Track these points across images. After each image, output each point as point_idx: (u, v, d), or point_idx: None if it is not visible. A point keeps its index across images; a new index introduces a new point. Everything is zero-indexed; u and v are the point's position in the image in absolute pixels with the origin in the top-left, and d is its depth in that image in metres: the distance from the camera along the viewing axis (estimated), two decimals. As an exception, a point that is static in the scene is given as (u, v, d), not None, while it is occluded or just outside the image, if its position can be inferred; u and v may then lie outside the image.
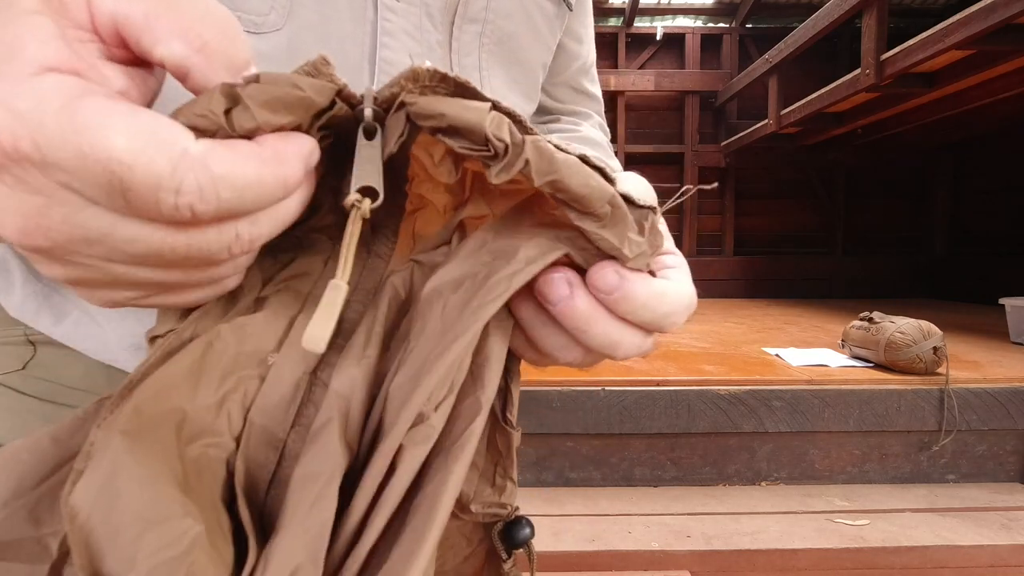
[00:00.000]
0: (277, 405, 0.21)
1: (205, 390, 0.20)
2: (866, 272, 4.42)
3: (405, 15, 0.32)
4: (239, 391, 0.21)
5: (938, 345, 1.60)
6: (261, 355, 0.22)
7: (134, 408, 0.18)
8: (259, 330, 0.22)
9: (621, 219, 0.22)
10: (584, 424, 1.59)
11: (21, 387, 0.34)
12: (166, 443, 0.18)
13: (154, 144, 0.15)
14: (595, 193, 0.21)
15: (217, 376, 0.20)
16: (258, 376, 0.22)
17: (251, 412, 0.21)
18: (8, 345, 0.34)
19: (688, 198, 1.38)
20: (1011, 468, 1.62)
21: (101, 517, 0.16)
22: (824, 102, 2.96)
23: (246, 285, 0.23)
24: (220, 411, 0.20)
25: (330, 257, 0.25)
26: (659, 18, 4.55)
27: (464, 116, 0.19)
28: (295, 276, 0.24)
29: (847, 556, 1.27)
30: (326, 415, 0.21)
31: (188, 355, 0.20)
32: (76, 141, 0.15)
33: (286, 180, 0.18)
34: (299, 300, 0.24)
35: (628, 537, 1.33)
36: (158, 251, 0.17)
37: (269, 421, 0.21)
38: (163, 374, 0.19)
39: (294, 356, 0.22)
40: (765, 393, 1.59)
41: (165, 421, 0.19)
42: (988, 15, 1.92)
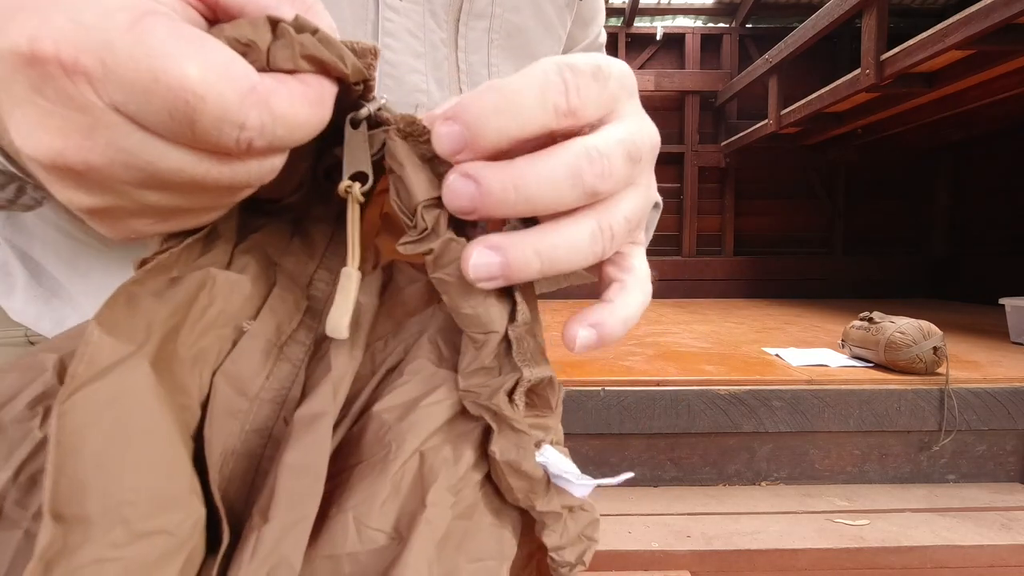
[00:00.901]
0: (242, 372, 0.21)
1: (186, 339, 0.20)
2: (866, 272, 4.42)
3: (407, 14, 0.32)
4: (212, 351, 0.21)
5: (938, 345, 1.60)
6: (239, 318, 0.22)
7: (146, 322, 0.18)
8: (245, 292, 0.22)
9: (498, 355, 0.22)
10: (584, 424, 1.59)
11: (21, 388, 0.34)
12: (171, 376, 0.18)
13: (226, 77, 0.15)
14: (477, 320, 0.21)
15: (200, 327, 0.20)
16: (231, 339, 0.21)
17: (217, 375, 0.21)
18: (9, 346, 0.34)
19: (688, 198, 1.39)
20: (1011, 468, 1.62)
21: (99, 444, 0.15)
22: (824, 102, 2.96)
23: (223, 232, 0.22)
24: (193, 369, 0.20)
25: (295, 233, 0.25)
26: (659, 18, 4.55)
27: (415, 179, 0.20)
28: (266, 243, 0.24)
29: (847, 556, 1.27)
30: (320, 406, 0.20)
31: (182, 291, 0.20)
32: (147, 64, 0.14)
33: (323, 121, 0.18)
34: (270, 267, 0.24)
35: (628, 537, 1.33)
36: (201, 180, 0.17)
37: (233, 388, 0.21)
38: (164, 300, 0.19)
39: (267, 328, 0.22)
40: (765, 393, 1.59)
41: (167, 354, 0.18)
42: (988, 15, 1.92)
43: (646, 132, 0.22)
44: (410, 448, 0.19)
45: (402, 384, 0.22)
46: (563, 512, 0.22)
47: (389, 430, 0.20)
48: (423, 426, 0.20)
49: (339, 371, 0.21)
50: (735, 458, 1.63)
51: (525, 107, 0.18)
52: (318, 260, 0.25)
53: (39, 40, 0.14)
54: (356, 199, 0.20)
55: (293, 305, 0.24)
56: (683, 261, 4.46)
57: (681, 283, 4.45)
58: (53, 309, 0.33)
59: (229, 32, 0.17)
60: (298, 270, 0.24)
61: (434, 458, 0.20)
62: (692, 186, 4.43)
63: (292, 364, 0.23)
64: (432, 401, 0.21)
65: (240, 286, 0.22)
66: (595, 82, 0.19)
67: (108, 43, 0.14)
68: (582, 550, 0.22)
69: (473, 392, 0.21)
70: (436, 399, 0.21)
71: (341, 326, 0.20)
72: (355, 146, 0.21)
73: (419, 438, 0.20)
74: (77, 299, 0.33)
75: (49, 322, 0.33)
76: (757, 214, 4.54)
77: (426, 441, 0.20)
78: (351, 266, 0.21)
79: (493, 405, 0.20)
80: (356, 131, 0.21)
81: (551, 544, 0.21)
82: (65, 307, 0.33)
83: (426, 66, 0.33)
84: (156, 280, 0.19)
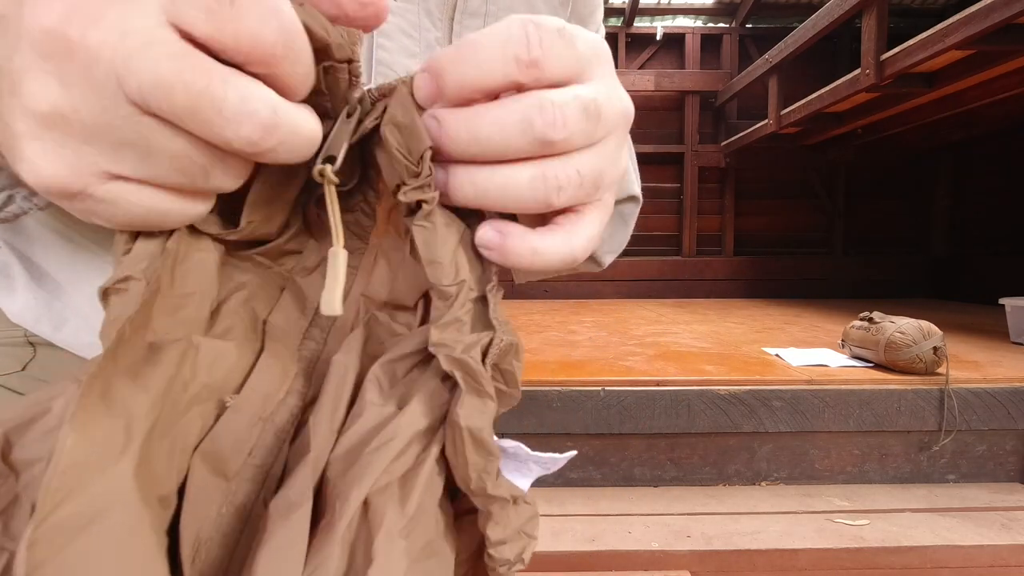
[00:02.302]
0: (223, 451, 0.20)
1: (166, 422, 0.18)
2: (866, 272, 4.42)
3: (402, 14, 0.32)
4: (192, 430, 0.19)
5: (938, 345, 1.60)
6: (223, 391, 0.21)
7: (125, 420, 0.17)
8: (229, 362, 0.21)
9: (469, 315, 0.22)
10: (584, 424, 1.59)
11: (20, 388, 0.34)
12: (149, 470, 0.17)
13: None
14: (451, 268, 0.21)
15: (182, 406, 0.19)
16: (213, 415, 0.20)
17: (195, 456, 0.19)
18: (8, 346, 0.34)
19: (688, 198, 1.39)
20: (1011, 468, 1.62)
21: (70, 572, 0.14)
22: (824, 102, 2.96)
23: (198, 289, 0.21)
24: (172, 454, 0.19)
25: (285, 287, 0.24)
26: (659, 18, 4.55)
27: (422, 127, 0.21)
28: (252, 299, 0.23)
29: (847, 556, 1.27)
30: (297, 494, 0.19)
31: (162, 369, 0.18)
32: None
33: None
34: (257, 329, 0.23)
35: (628, 537, 1.33)
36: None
37: (211, 469, 0.20)
38: (142, 386, 0.18)
39: (253, 400, 0.21)
40: (765, 393, 1.59)
41: (147, 449, 0.17)
42: (988, 15, 1.92)
43: (614, 96, 0.22)
44: (355, 503, 0.19)
45: (346, 431, 0.21)
46: (509, 501, 0.21)
47: (333, 488, 0.19)
48: (368, 475, 0.19)
49: (317, 450, 0.20)
50: (735, 458, 1.63)
51: (486, 57, 0.19)
52: (310, 316, 0.24)
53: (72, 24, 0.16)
54: (330, 180, 0.20)
55: (281, 372, 0.22)
56: (683, 261, 4.46)
57: (681, 283, 4.45)
58: (53, 311, 0.33)
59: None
60: (288, 327, 0.23)
61: (379, 500, 0.19)
62: (692, 186, 4.43)
63: (276, 436, 0.21)
64: (376, 446, 0.20)
65: (224, 355, 0.21)
66: (560, 39, 0.20)
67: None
68: (522, 547, 0.22)
69: (447, 346, 0.21)
70: (380, 442, 0.20)
71: (334, 303, 0.20)
72: (340, 134, 0.21)
73: (364, 489, 0.19)
74: (77, 302, 0.33)
75: (48, 324, 0.33)
76: (757, 214, 4.54)
77: (372, 487, 0.19)
78: (337, 246, 0.21)
79: (469, 359, 0.20)
80: (347, 120, 0.21)
81: (495, 537, 0.21)
82: (66, 310, 0.33)
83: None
84: (132, 350, 0.18)
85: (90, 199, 0.18)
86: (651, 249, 4.51)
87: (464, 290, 0.21)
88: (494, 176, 0.21)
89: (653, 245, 4.52)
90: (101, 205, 0.18)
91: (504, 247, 0.21)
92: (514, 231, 0.21)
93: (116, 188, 0.18)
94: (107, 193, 0.18)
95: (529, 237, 0.21)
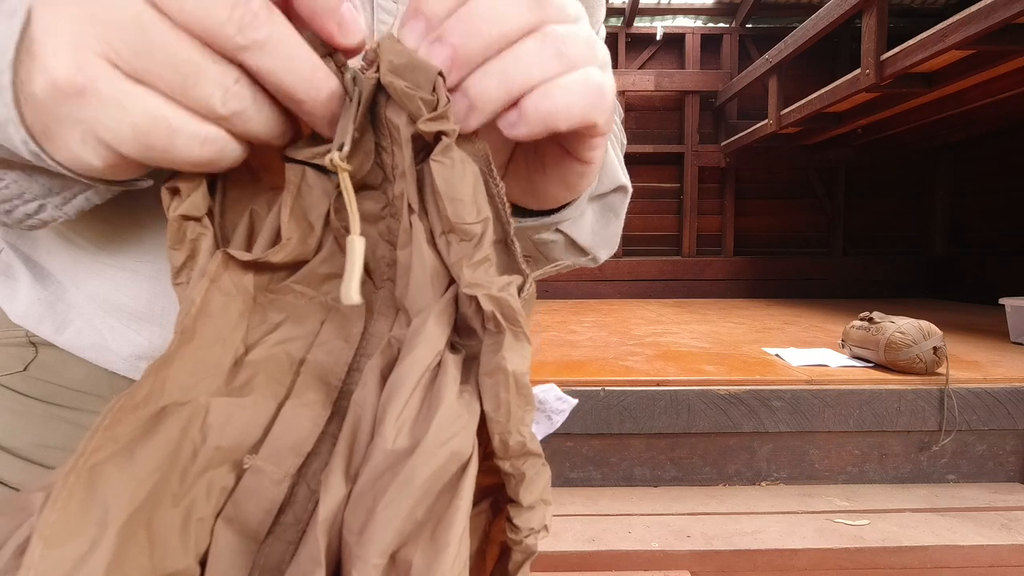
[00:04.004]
0: (249, 517, 0.19)
1: (175, 494, 0.17)
2: (866, 272, 4.42)
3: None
4: (211, 498, 0.18)
5: (938, 345, 1.60)
6: (238, 453, 0.19)
7: (102, 509, 0.16)
8: (245, 420, 0.20)
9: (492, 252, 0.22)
10: (584, 424, 1.59)
11: (22, 388, 0.34)
12: (140, 567, 0.16)
13: None
14: (472, 205, 0.21)
15: (191, 476, 0.18)
16: (233, 477, 0.19)
17: (218, 523, 0.19)
18: (10, 346, 0.34)
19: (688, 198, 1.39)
20: (1011, 468, 1.62)
21: None
22: (824, 102, 2.96)
23: (223, 337, 0.20)
24: (187, 526, 0.18)
25: (325, 320, 0.23)
26: (659, 18, 4.55)
27: (418, 58, 0.21)
28: (288, 339, 0.22)
29: (847, 556, 1.27)
30: (307, 568, 0.18)
31: (162, 438, 0.17)
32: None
33: None
34: (290, 371, 0.21)
35: (628, 537, 1.33)
36: None
37: (238, 535, 0.19)
38: (135, 463, 0.17)
39: (278, 457, 0.20)
40: (765, 393, 1.59)
41: (135, 537, 0.16)
42: (988, 15, 1.92)
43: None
44: (376, 560, 0.17)
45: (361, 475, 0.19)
46: (542, 458, 0.20)
47: (350, 552, 0.18)
48: (386, 529, 0.18)
49: (327, 510, 0.18)
50: (735, 458, 1.63)
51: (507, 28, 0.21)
52: (355, 345, 0.22)
53: None
54: (342, 168, 0.20)
55: (310, 421, 0.21)
56: (683, 261, 4.46)
57: (681, 283, 4.45)
58: (56, 313, 0.33)
59: None
60: (330, 361, 0.22)
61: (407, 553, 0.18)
62: (692, 186, 4.43)
63: (311, 488, 0.20)
64: (391, 499, 0.18)
65: (238, 413, 0.20)
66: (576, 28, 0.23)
67: None
68: (544, 512, 0.21)
69: (482, 285, 0.20)
70: (396, 491, 0.18)
71: (352, 294, 0.20)
72: (345, 119, 0.21)
73: (386, 548, 0.17)
74: (79, 304, 0.33)
75: (51, 325, 0.33)
76: (757, 214, 4.54)
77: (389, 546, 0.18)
78: (354, 234, 0.20)
79: (508, 296, 0.20)
80: (349, 104, 0.21)
81: (527, 501, 0.20)
82: (68, 311, 0.33)
83: None
84: (135, 420, 0.17)
85: (95, 98, 0.18)
86: (651, 249, 4.51)
87: (489, 227, 0.21)
88: (507, 60, 0.22)
89: (653, 245, 4.52)
90: (106, 108, 0.18)
91: (528, 99, 0.22)
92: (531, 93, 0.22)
93: (120, 87, 0.18)
94: (111, 90, 0.18)
95: (547, 82, 0.22)
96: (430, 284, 0.22)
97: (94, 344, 0.33)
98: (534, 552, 0.21)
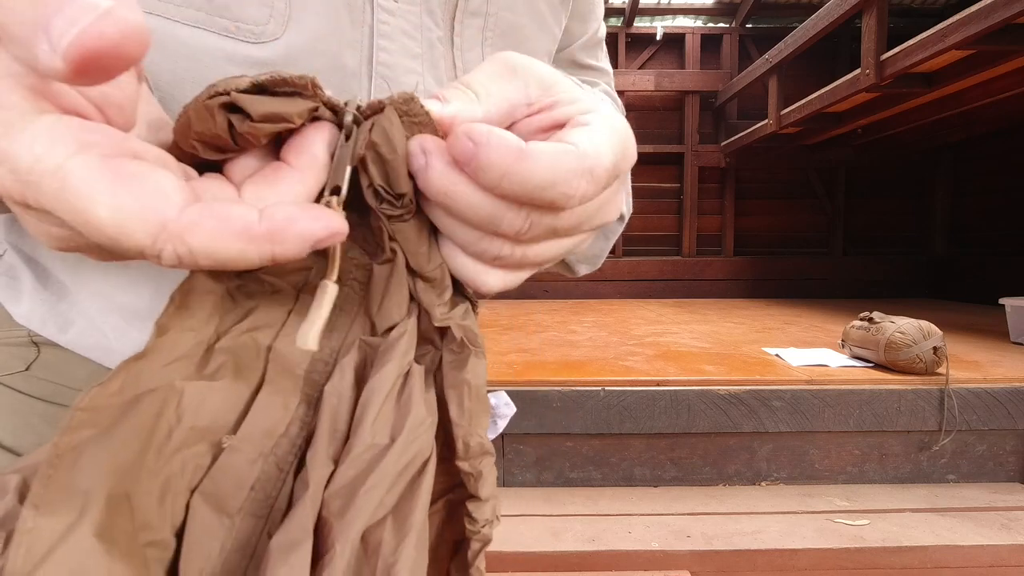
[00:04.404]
0: (224, 490, 0.20)
1: (151, 470, 0.18)
2: (866, 272, 4.42)
3: (403, 15, 0.32)
4: (185, 473, 0.19)
5: (938, 345, 1.60)
6: (214, 433, 0.20)
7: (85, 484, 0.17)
8: (218, 403, 0.21)
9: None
10: (584, 424, 1.59)
11: (24, 388, 0.34)
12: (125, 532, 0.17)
13: (134, 218, 0.16)
14: (433, 254, 0.24)
15: (167, 453, 0.19)
16: (209, 455, 0.20)
17: (195, 496, 0.20)
18: (11, 346, 0.34)
19: (688, 198, 1.40)
20: (1011, 468, 1.62)
21: None
22: (824, 102, 2.96)
23: (194, 327, 0.21)
24: (163, 499, 0.19)
25: (293, 309, 0.23)
26: (659, 18, 4.55)
27: (401, 167, 0.21)
28: (256, 328, 0.22)
29: (847, 556, 1.27)
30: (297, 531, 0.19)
31: (137, 420, 0.18)
32: (69, 206, 0.16)
33: (273, 257, 0.18)
34: (259, 357, 0.22)
35: (628, 537, 1.33)
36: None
37: (213, 508, 0.20)
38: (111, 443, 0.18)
39: (253, 437, 0.21)
40: (765, 393, 1.59)
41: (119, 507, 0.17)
42: (988, 15, 1.92)
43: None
44: (354, 542, 0.19)
45: (343, 463, 0.21)
46: (493, 456, 0.24)
47: (331, 528, 0.20)
48: (363, 515, 0.20)
49: (314, 486, 0.20)
50: (735, 458, 1.63)
51: (532, 183, 0.20)
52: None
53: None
54: (338, 213, 0.20)
55: (282, 406, 0.22)
56: (683, 261, 4.46)
57: (681, 283, 4.45)
58: (59, 313, 0.33)
59: (197, 127, 0.19)
60: (295, 352, 0.23)
61: (376, 535, 0.20)
62: (692, 186, 4.43)
63: (279, 468, 0.21)
64: (371, 485, 0.20)
65: (212, 395, 0.20)
66: (600, 191, 0.23)
67: (39, 188, 0.16)
68: (495, 504, 0.24)
69: (451, 318, 0.24)
70: (374, 481, 0.20)
71: (310, 338, 0.20)
72: (340, 160, 0.21)
73: (361, 526, 0.20)
74: (82, 304, 0.33)
75: (54, 326, 0.33)
76: (757, 214, 4.54)
77: (369, 522, 0.20)
78: (329, 279, 0.21)
79: (471, 324, 0.23)
80: (345, 144, 0.21)
81: (484, 494, 0.23)
82: (71, 311, 0.33)
83: (423, 66, 0.33)
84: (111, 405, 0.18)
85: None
86: (651, 249, 4.51)
87: (445, 270, 0.24)
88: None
89: (653, 245, 4.52)
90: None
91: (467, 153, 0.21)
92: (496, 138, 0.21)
93: None
94: None
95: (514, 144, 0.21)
96: (404, 305, 0.24)
97: (97, 344, 0.33)
98: (490, 540, 0.24)
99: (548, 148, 0.21)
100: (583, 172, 0.21)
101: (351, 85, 0.31)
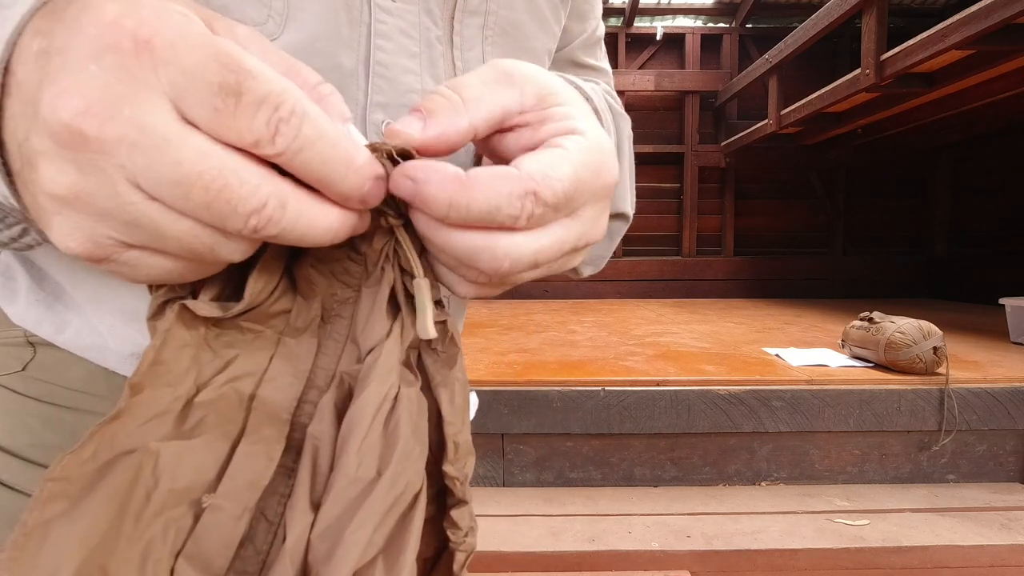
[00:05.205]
0: (209, 551, 0.19)
1: (129, 537, 0.18)
2: (866, 272, 4.42)
3: (401, 14, 0.32)
4: (167, 537, 0.19)
5: (938, 345, 1.60)
6: (194, 493, 0.20)
7: (53, 564, 0.16)
8: (197, 461, 0.20)
9: None
10: (584, 424, 1.59)
11: (20, 388, 0.34)
12: None
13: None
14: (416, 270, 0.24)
15: (145, 519, 0.18)
16: (191, 516, 0.20)
17: (180, 560, 0.19)
18: (7, 346, 0.34)
19: (688, 198, 1.39)
20: (1011, 468, 1.62)
21: None
22: (824, 102, 2.96)
23: (171, 383, 0.20)
24: (144, 567, 0.18)
25: (275, 354, 0.23)
26: (659, 18, 4.55)
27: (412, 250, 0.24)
28: (237, 377, 0.22)
29: (847, 556, 1.27)
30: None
31: (112, 486, 0.18)
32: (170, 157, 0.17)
33: (335, 236, 0.21)
34: (241, 408, 0.22)
35: (628, 537, 1.33)
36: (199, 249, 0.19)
37: (199, 570, 0.19)
38: (84, 514, 0.17)
39: (235, 493, 0.20)
40: (765, 393, 1.59)
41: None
42: (988, 15, 1.92)
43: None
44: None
45: (325, 503, 0.20)
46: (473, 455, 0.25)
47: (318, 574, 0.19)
48: (351, 557, 0.19)
49: (293, 538, 0.20)
50: (735, 458, 1.63)
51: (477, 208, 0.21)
52: (304, 379, 0.23)
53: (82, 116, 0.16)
54: (396, 226, 0.23)
55: (265, 456, 0.21)
56: (683, 261, 4.46)
57: (681, 283, 4.45)
58: (55, 313, 0.33)
59: None
60: (280, 397, 0.22)
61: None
62: (692, 186, 4.43)
63: (269, 521, 0.21)
64: (358, 524, 0.19)
65: (190, 454, 0.20)
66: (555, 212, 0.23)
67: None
68: (471, 508, 0.24)
69: (447, 314, 0.25)
70: (362, 520, 0.19)
71: (428, 329, 0.22)
72: None
73: (349, 567, 0.19)
74: (78, 304, 0.33)
75: (50, 326, 0.33)
76: (757, 214, 4.54)
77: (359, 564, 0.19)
78: (419, 276, 0.23)
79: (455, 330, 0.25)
80: None
81: (468, 497, 0.24)
82: (67, 312, 0.33)
83: (421, 65, 0.33)
84: (84, 473, 0.17)
85: (114, 263, 0.19)
86: (651, 249, 4.51)
87: (428, 280, 0.24)
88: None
89: (653, 245, 4.52)
90: (124, 268, 0.19)
91: (408, 191, 0.22)
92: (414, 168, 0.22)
93: (135, 256, 0.19)
94: (128, 259, 0.19)
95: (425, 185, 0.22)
96: (387, 325, 0.24)
97: (94, 344, 0.33)
98: (474, 549, 0.24)
99: (486, 173, 0.21)
100: (524, 194, 0.21)
101: (348, 85, 0.31)
